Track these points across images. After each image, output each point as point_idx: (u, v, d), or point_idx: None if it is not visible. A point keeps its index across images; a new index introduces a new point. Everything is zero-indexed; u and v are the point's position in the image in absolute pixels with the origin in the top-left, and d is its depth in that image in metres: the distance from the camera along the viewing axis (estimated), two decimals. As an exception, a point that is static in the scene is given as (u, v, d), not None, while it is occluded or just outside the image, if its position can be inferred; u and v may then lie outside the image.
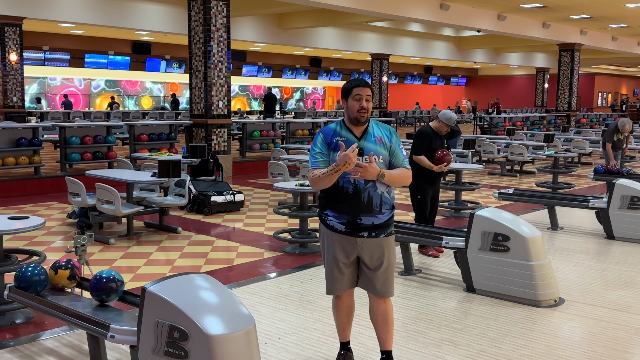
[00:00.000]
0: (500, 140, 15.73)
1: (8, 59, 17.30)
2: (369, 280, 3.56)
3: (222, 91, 12.65)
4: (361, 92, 3.45)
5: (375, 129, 3.53)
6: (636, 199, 7.14)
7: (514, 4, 18.49)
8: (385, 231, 3.52)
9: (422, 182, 6.42)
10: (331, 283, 3.61)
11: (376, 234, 3.48)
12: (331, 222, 3.52)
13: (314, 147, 3.51)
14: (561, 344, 4.27)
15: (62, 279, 3.98)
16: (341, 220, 3.49)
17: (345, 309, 3.71)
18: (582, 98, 38.06)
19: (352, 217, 3.46)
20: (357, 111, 3.44)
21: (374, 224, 3.47)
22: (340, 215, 3.49)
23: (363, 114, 3.44)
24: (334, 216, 3.51)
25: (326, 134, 3.51)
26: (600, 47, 26.35)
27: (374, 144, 3.46)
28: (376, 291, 3.56)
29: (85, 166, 11.97)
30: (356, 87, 3.47)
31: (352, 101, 3.46)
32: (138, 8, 18.01)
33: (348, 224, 3.47)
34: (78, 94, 30.72)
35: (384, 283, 3.55)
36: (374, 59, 27.37)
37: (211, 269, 6.16)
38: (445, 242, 5.55)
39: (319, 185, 3.42)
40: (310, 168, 3.49)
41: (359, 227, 3.46)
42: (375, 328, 3.68)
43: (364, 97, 3.44)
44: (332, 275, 3.59)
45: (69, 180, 7.62)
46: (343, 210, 3.47)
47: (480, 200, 10.04)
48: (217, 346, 2.88)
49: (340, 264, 3.54)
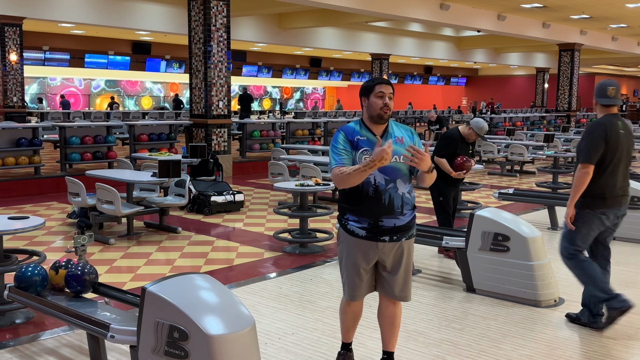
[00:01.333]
0: (500, 140, 15.73)
1: (8, 59, 17.31)
2: (388, 284, 3.51)
3: (222, 91, 12.65)
4: (384, 89, 3.38)
5: (396, 129, 3.46)
6: (636, 199, 7.14)
7: (514, 4, 18.50)
8: (406, 234, 3.44)
9: (444, 184, 6.31)
10: (352, 289, 3.52)
11: (397, 238, 3.40)
12: (351, 227, 3.43)
13: (336, 144, 3.40)
14: (561, 344, 4.27)
15: (62, 279, 3.98)
16: (362, 224, 3.39)
17: (353, 313, 3.66)
18: (582, 98, 38.01)
19: (373, 220, 3.37)
20: (380, 108, 3.35)
21: (395, 226, 3.38)
22: (361, 219, 3.39)
23: (386, 111, 3.36)
24: (354, 220, 3.42)
25: (347, 132, 3.42)
26: (600, 47, 26.35)
27: (395, 144, 3.37)
28: (395, 296, 3.51)
29: (85, 166, 11.97)
30: (379, 85, 3.39)
31: (375, 98, 3.38)
32: (138, 8, 18.01)
33: (369, 228, 3.38)
34: (78, 94, 30.74)
35: (403, 287, 3.51)
36: (374, 59, 27.37)
37: (211, 269, 6.16)
38: (445, 242, 5.55)
39: (348, 182, 3.31)
40: (335, 165, 3.35)
41: (380, 230, 3.37)
42: (381, 328, 3.66)
43: (386, 95, 3.37)
44: (352, 281, 3.50)
45: (69, 180, 7.62)
46: (364, 213, 3.38)
47: (480, 200, 10.04)
48: (217, 346, 2.88)
49: (360, 270, 3.46)
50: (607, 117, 4.48)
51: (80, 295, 3.97)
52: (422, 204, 9.82)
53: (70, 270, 3.96)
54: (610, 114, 4.51)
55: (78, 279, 3.92)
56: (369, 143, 3.36)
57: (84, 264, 4.02)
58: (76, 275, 3.92)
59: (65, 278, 3.96)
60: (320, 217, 7.92)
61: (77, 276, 3.92)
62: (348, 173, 3.26)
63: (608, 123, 4.42)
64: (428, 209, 9.22)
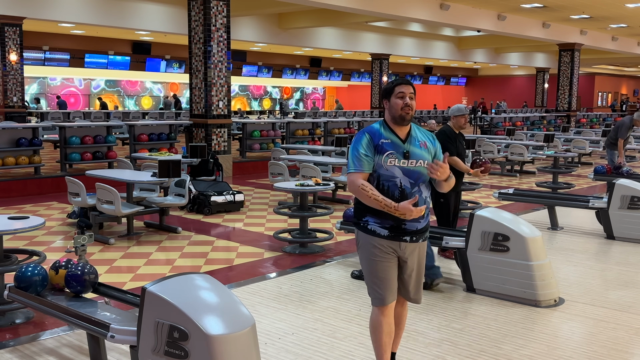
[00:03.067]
0: (500, 140, 15.73)
1: (8, 59, 17.30)
2: (404, 286, 3.48)
3: (222, 91, 12.65)
4: (404, 89, 3.35)
5: (419, 133, 3.43)
6: (636, 199, 7.14)
7: (514, 4, 18.49)
8: (423, 236, 3.44)
9: None
10: (381, 290, 3.39)
11: (416, 239, 3.40)
12: (372, 227, 3.36)
13: (359, 147, 3.33)
14: (561, 344, 4.27)
15: (62, 279, 3.98)
16: (384, 224, 3.34)
17: (388, 325, 3.45)
18: (582, 98, 38.05)
19: (397, 222, 3.32)
20: (402, 108, 3.32)
21: (417, 229, 3.38)
22: (383, 220, 3.33)
23: (408, 111, 3.33)
24: (375, 221, 3.35)
25: (373, 135, 3.35)
26: (600, 47, 26.35)
27: (419, 148, 3.36)
28: (410, 298, 3.49)
29: (85, 166, 11.97)
30: (399, 85, 3.37)
31: (395, 99, 3.35)
32: (138, 8, 18.01)
33: (391, 228, 3.34)
34: (78, 94, 30.73)
35: (416, 289, 3.50)
36: (374, 59, 27.37)
37: (211, 269, 6.16)
38: (445, 242, 5.54)
39: (362, 199, 3.31)
40: (354, 171, 3.31)
41: (403, 231, 3.35)
42: None
43: (407, 95, 3.35)
44: (378, 282, 3.39)
45: (69, 180, 7.62)
46: (386, 216, 3.30)
47: (480, 200, 10.04)
48: (217, 346, 2.88)
49: (386, 269, 3.38)
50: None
51: (80, 295, 3.97)
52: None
53: (70, 270, 3.96)
54: None
55: (78, 279, 3.92)
56: (393, 146, 3.32)
57: (84, 264, 4.02)
58: (76, 275, 3.92)
59: (65, 278, 3.96)
60: (320, 217, 7.92)
61: (77, 276, 3.92)
62: (368, 196, 3.26)
63: None
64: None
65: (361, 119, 20.16)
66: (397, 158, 3.30)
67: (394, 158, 3.30)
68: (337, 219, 7.31)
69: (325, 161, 10.21)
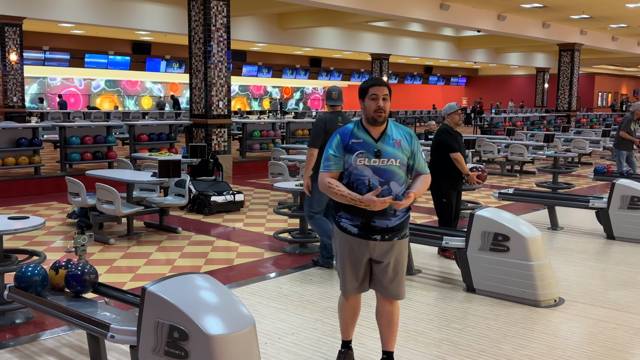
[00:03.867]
0: (500, 140, 15.72)
1: (8, 59, 17.31)
2: (380, 283, 3.55)
3: (222, 91, 12.65)
4: (377, 91, 3.39)
5: (394, 131, 3.45)
6: (636, 199, 7.14)
7: (514, 4, 18.50)
8: (398, 234, 3.47)
9: (446, 185, 6.27)
10: (346, 284, 3.58)
11: (389, 237, 3.44)
12: (344, 224, 3.48)
13: (329, 148, 3.45)
14: (561, 344, 4.27)
15: (62, 279, 3.98)
16: (354, 222, 3.44)
17: (351, 309, 3.70)
18: (582, 98, 38.05)
19: (366, 220, 3.40)
20: (374, 111, 3.38)
21: (388, 227, 3.42)
22: (353, 218, 3.43)
23: (380, 114, 3.38)
24: (347, 218, 3.46)
25: (343, 136, 3.44)
26: (600, 47, 26.36)
27: (391, 147, 3.40)
28: (388, 294, 3.55)
29: (85, 166, 11.96)
30: (372, 87, 3.41)
31: (369, 101, 3.40)
32: (138, 8, 18.01)
33: (361, 227, 3.43)
34: (78, 94, 30.73)
35: (395, 286, 3.53)
36: (374, 59, 27.37)
37: (211, 269, 6.16)
38: (445, 242, 5.54)
39: (331, 196, 3.42)
40: (323, 170, 3.44)
41: (373, 229, 3.42)
42: (379, 328, 3.68)
43: (380, 97, 3.38)
44: (345, 276, 3.56)
45: (69, 180, 7.62)
46: (356, 212, 3.40)
47: (480, 200, 10.04)
48: (217, 346, 2.88)
49: (353, 266, 3.52)
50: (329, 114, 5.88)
51: (80, 295, 3.97)
52: (422, 203, 9.83)
53: (70, 270, 3.96)
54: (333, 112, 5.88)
55: (78, 279, 3.92)
56: (364, 146, 3.39)
57: (84, 264, 4.02)
58: (76, 275, 3.92)
59: (65, 278, 3.96)
60: (320, 217, 7.91)
61: (77, 276, 3.92)
62: (334, 192, 3.38)
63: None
64: (428, 209, 9.23)
65: (361, 119, 20.13)
66: (367, 157, 3.38)
67: (364, 157, 3.38)
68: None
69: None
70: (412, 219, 8.54)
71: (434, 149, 6.42)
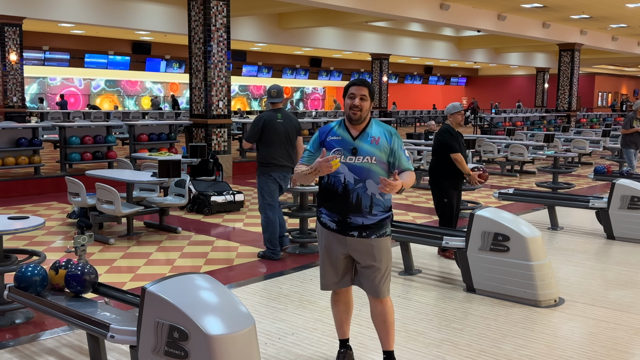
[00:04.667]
0: (500, 140, 15.72)
1: (8, 59, 17.31)
2: (360, 279, 3.61)
3: (222, 91, 12.65)
4: (355, 90, 3.48)
5: (375, 128, 3.52)
6: (636, 199, 7.14)
7: (514, 4, 18.50)
8: (376, 232, 3.51)
9: (447, 185, 6.27)
10: (324, 278, 3.67)
11: (367, 235, 3.49)
12: (324, 219, 3.59)
13: (309, 145, 3.61)
14: (561, 344, 4.27)
15: (62, 279, 3.98)
16: (332, 218, 3.54)
17: (342, 304, 3.74)
18: (582, 98, 38.06)
19: (342, 216, 3.50)
20: (350, 108, 3.47)
21: (363, 224, 3.48)
22: (331, 214, 3.54)
23: (355, 112, 3.46)
24: (326, 214, 3.57)
25: (321, 133, 3.58)
26: (600, 47, 26.36)
27: (368, 144, 3.46)
28: (368, 290, 3.59)
29: (85, 166, 11.96)
30: (352, 86, 3.52)
31: (347, 99, 3.52)
32: (138, 8, 18.01)
33: (338, 222, 3.52)
34: (78, 94, 30.73)
35: (375, 283, 3.54)
36: (374, 59, 27.37)
37: (211, 269, 6.16)
38: (445, 242, 5.54)
39: (300, 180, 3.55)
40: (299, 163, 3.59)
41: (349, 226, 3.49)
42: (376, 329, 3.69)
43: (357, 96, 3.46)
44: (324, 270, 3.65)
45: (69, 180, 7.62)
46: (333, 209, 3.52)
47: (480, 200, 10.04)
48: (217, 346, 2.88)
49: (332, 260, 3.59)
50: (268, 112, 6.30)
51: (80, 295, 3.97)
52: (422, 204, 9.83)
53: (70, 270, 3.96)
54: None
55: (78, 279, 3.92)
56: (342, 143, 3.48)
57: (84, 264, 4.02)
58: (76, 275, 3.93)
59: (65, 278, 3.96)
60: (320, 217, 7.90)
61: (77, 276, 3.92)
62: (298, 173, 3.50)
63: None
64: (428, 209, 9.22)
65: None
66: (343, 154, 3.45)
67: (340, 155, 3.45)
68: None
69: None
70: (411, 219, 8.56)
71: (435, 149, 6.42)
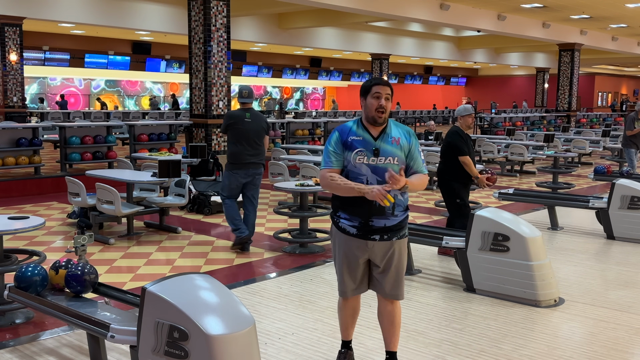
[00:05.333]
0: (500, 140, 15.73)
1: (8, 59, 17.30)
2: (379, 282, 3.54)
3: (222, 91, 12.65)
4: (380, 90, 3.38)
5: (394, 129, 3.45)
6: (636, 199, 7.14)
7: (514, 4, 18.49)
8: (397, 234, 3.45)
9: (459, 186, 6.24)
10: (343, 285, 3.56)
11: (388, 237, 3.42)
12: (343, 225, 3.47)
13: (328, 145, 3.45)
14: (561, 344, 4.27)
15: (62, 279, 3.98)
16: (353, 222, 3.43)
17: (350, 309, 3.68)
18: (582, 98, 38.04)
19: (364, 219, 3.39)
20: (376, 109, 3.36)
21: (386, 226, 3.41)
22: (352, 217, 3.43)
23: (381, 114, 3.36)
24: (345, 218, 3.45)
25: (342, 133, 3.43)
26: (600, 47, 26.35)
27: (390, 145, 3.39)
28: (386, 294, 3.54)
29: (85, 166, 11.96)
30: (376, 85, 3.40)
31: (371, 99, 3.38)
32: (138, 8, 18.01)
33: (360, 227, 3.41)
34: (78, 94, 30.73)
35: (394, 286, 3.52)
36: (374, 59, 27.37)
37: (211, 269, 6.16)
38: (445, 242, 5.54)
39: (333, 190, 3.40)
40: (324, 167, 3.43)
41: (371, 229, 3.40)
42: (381, 328, 3.67)
43: (383, 96, 3.37)
44: (343, 277, 3.54)
45: (69, 180, 7.62)
46: (355, 212, 3.40)
47: (480, 200, 10.04)
48: (217, 346, 2.88)
49: (351, 267, 3.50)
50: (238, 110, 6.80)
51: (80, 295, 3.97)
52: (422, 204, 9.83)
53: (70, 270, 3.96)
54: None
55: (78, 279, 3.92)
56: (364, 143, 3.38)
57: (84, 264, 4.02)
58: (76, 275, 3.92)
59: (65, 278, 3.96)
60: (320, 217, 7.91)
61: (77, 276, 3.92)
62: (338, 184, 3.35)
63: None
64: (428, 209, 9.23)
65: (361, 118, 20.13)
66: (366, 155, 3.36)
67: (363, 155, 3.36)
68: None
69: (325, 161, 10.18)
70: (411, 219, 8.55)
71: (444, 151, 6.38)
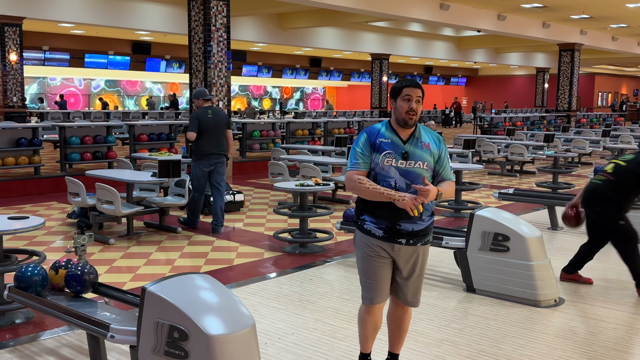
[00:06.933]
0: (500, 140, 15.73)
1: (8, 59, 17.30)
2: (400, 288, 3.45)
3: (222, 91, 12.64)
4: (411, 92, 3.27)
5: (424, 134, 3.36)
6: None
7: (514, 4, 18.50)
8: (423, 239, 3.37)
9: (624, 203, 5.49)
10: (369, 291, 3.40)
11: (414, 242, 3.34)
12: (368, 227, 3.36)
13: (356, 146, 3.35)
14: (561, 344, 4.27)
15: (62, 279, 3.98)
16: (379, 225, 3.32)
17: (371, 322, 3.51)
18: (582, 98, 38.03)
19: (391, 223, 3.30)
20: (406, 112, 3.26)
21: (413, 231, 3.32)
22: (378, 221, 3.32)
23: (412, 116, 3.26)
24: (371, 221, 3.35)
25: (370, 134, 3.34)
26: (600, 47, 26.35)
27: (420, 149, 3.30)
28: (406, 301, 3.46)
29: (85, 166, 11.97)
30: (406, 87, 3.29)
31: (401, 101, 3.28)
32: (138, 8, 18.01)
33: (386, 229, 3.31)
34: (78, 94, 30.74)
35: (414, 293, 3.45)
36: (374, 59, 27.37)
37: (211, 269, 6.16)
38: (445, 242, 5.54)
39: (361, 194, 3.31)
40: (351, 169, 3.33)
41: (398, 233, 3.31)
42: (388, 329, 3.63)
43: (414, 98, 3.27)
44: (368, 282, 3.40)
45: (69, 180, 7.62)
46: (382, 215, 3.30)
47: (480, 200, 10.04)
48: (217, 346, 2.88)
49: (377, 271, 3.37)
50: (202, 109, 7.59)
51: (80, 295, 3.97)
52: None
53: (70, 270, 3.96)
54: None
55: (78, 279, 3.92)
56: (392, 146, 3.29)
57: (84, 264, 4.02)
58: (76, 275, 3.93)
59: (65, 278, 3.96)
60: (320, 217, 7.92)
61: (77, 276, 3.92)
62: (366, 187, 3.24)
63: None
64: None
65: (361, 119, 20.16)
66: (394, 158, 3.27)
67: (392, 158, 3.27)
68: (337, 219, 7.32)
69: (325, 161, 10.21)
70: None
71: (628, 177, 5.49)
